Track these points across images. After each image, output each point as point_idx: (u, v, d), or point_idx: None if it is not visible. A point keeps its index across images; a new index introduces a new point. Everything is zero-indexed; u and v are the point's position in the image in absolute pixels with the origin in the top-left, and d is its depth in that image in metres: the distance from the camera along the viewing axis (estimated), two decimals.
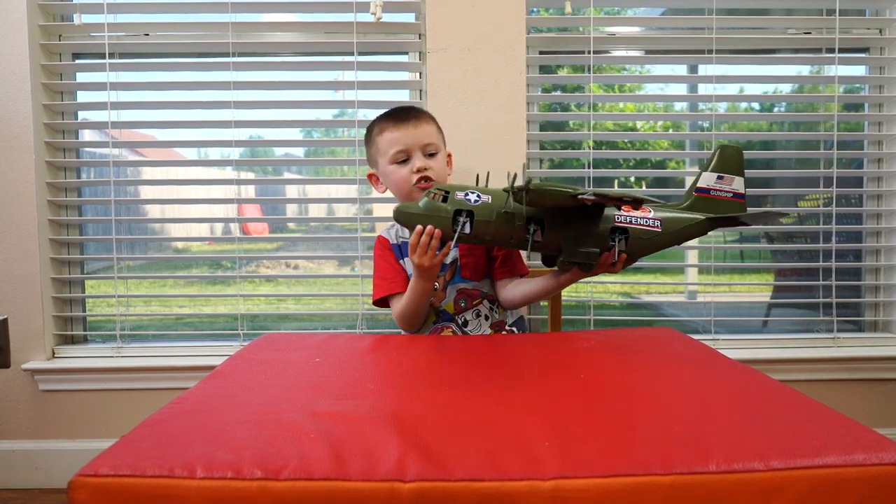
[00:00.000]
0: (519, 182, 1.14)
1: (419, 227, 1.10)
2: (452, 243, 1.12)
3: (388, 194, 1.41)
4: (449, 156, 1.43)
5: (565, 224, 1.11)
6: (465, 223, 1.08)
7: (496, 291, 1.35)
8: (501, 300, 1.34)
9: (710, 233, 1.24)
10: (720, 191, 1.20)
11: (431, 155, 1.33)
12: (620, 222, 1.13)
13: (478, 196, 1.10)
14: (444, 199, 1.10)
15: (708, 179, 1.20)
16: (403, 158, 1.32)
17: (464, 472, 0.55)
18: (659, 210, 1.16)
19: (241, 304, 1.81)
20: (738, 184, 1.21)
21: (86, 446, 1.74)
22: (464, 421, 0.67)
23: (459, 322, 1.31)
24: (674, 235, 1.15)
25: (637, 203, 1.07)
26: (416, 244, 1.11)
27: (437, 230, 1.10)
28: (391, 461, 0.56)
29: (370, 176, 1.42)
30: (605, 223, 1.12)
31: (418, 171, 1.30)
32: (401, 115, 1.34)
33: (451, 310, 1.31)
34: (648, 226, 1.14)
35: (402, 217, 1.13)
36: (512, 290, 1.32)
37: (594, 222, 1.12)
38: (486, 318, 1.32)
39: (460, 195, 1.10)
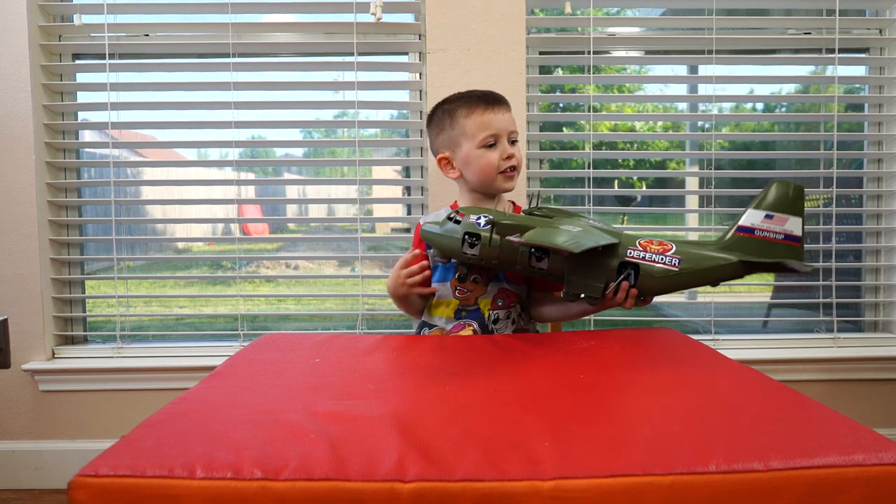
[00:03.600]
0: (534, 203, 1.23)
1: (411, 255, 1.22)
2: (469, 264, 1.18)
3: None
4: None
5: (571, 253, 1.06)
6: (473, 244, 1.13)
7: (531, 303, 1.33)
8: (534, 314, 1.33)
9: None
10: (767, 231, 1.05)
11: (514, 142, 1.32)
12: (631, 257, 1.06)
13: (489, 220, 1.12)
14: (458, 222, 1.14)
15: (753, 217, 1.06)
16: (492, 143, 1.29)
17: (464, 472, 0.55)
18: (685, 247, 1.07)
19: (242, 304, 1.81)
20: (792, 224, 1.05)
21: (86, 446, 1.74)
22: (464, 421, 0.67)
23: (491, 318, 1.27)
24: (696, 276, 1.05)
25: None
26: (403, 266, 1.24)
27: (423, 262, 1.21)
28: (391, 461, 0.56)
29: (441, 160, 1.34)
30: (614, 257, 1.07)
31: (508, 157, 1.28)
32: (490, 98, 1.31)
33: (486, 306, 1.27)
34: (664, 263, 1.05)
35: (427, 235, 1.21)
36: (546, 306, 1.32)
37: (603, 254, 1.07)
38: (514, 322, 1.29)
39: (473, 218, 1.14)
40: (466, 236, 1.13)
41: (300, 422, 0.66)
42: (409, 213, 1.90)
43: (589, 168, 1.79)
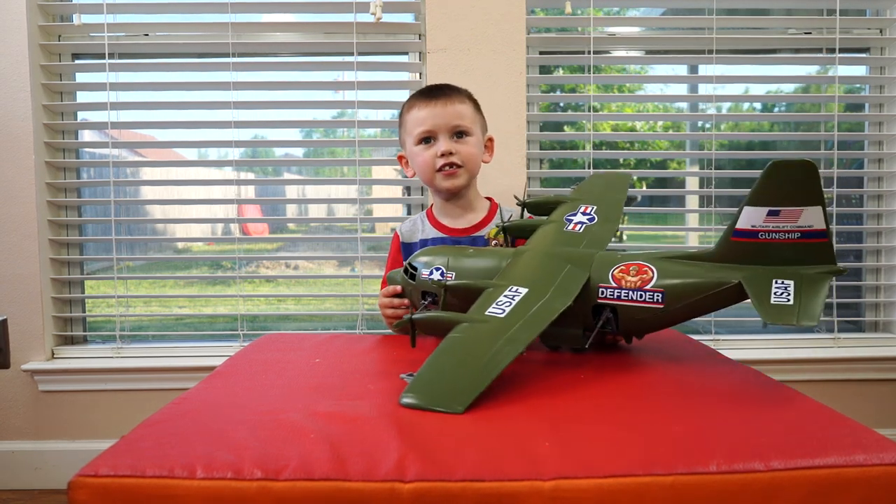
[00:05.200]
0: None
1: (396, 288, 1.10)
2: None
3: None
4: (490, 140, 1.35)
5: None
6: (435, 301, 0.97)
7: None
8: None
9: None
10: (775, 231, 0.79)
11: (461, 136, 1.25)
12: (604, 298, 0.87)
13: (442, 273, 0.97)
14: (413, 277, 1.01)
15: (752, 217, 0.79)
16: (428, 139, 1.24)
17: (464, 472, 0.55)
18: (669, 271, 0.85)
19: (241, 304, 1.81)
20: (811, 216, 0.77)
21: (86, 446, 1.73)
22: (464, 421, 0.67)
23: None
24: (689, 309, 0.84)
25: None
26: (386, 305, 1.14)
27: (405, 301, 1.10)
28: (391, 461, 0.56)
29: (400, 157, 1.37)
30: (586, 300, 0.88)
31: (443, 155, 1.22)
32: (432, 92, 1.26)
33: None
34: (644, 301, 0.85)
35: (392, 284, 1.13)
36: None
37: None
38: None
39: (425, 274, 0.99)
40: (424, 295, 1.00)
41: (300, 422, 0.66)
42: (408, 212, 1.90)
43: (589, 168, 1.78)
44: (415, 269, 1.01)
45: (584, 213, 1.05)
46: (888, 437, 0.60)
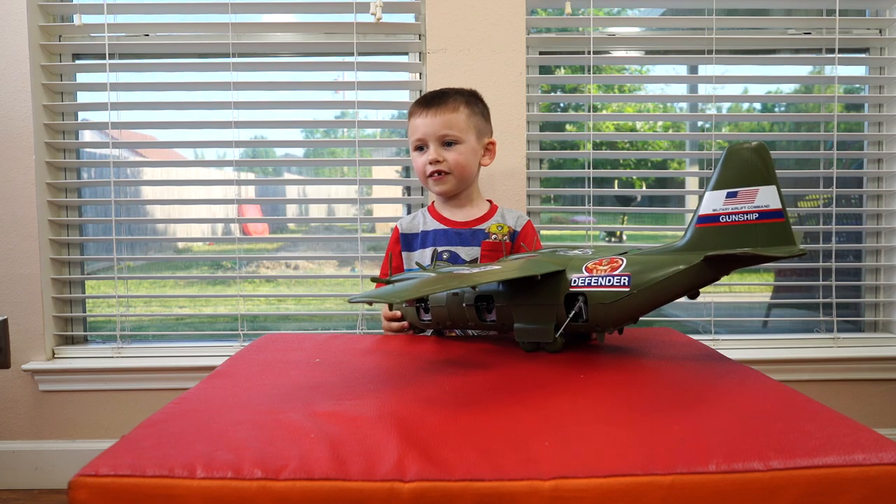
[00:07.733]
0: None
1: (397, 313, 1.21)
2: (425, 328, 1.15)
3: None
4: (492, 143, 1.37)
5: (514, 295, 0.93)
6: (426, 309, 1.08)
7: None
8: None
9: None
10: (735, 213, 0.81)
11: (450, 144, 1.29)
12: (576, 286, 0.89)
13: None
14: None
15: (713, 201, 0.83)
16: (421, 146, 1.31)
17: (464, 472, 0.55)
18: (638, 258, 0.88)
19: (242, 304, 1.81)
20: (766, 196, 0.78)
21: (86, 446, 1.74)
22: (464, 421, 0.67)
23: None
24: (656, 291, 0.84)
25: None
26: (387, 328, 1.26)
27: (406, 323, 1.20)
28: (391, 461, 0.56)
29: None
30: (559, 291, 0.90)
31: (431, 162, 1.29)
32: (427, 101, 1.31)
33: None
34: (612, 286, 0.86)
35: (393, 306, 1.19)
36: None
37: (544, 290, 0.91)
38: None
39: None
40: (418, 301, 1.08)
41: (300, 422, 0.66)
42: (409, 212, 1.90)
43: (589, 168, 1.79)
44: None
45: (580, 250, 1.08)
46: (888, 437, 0.60)
